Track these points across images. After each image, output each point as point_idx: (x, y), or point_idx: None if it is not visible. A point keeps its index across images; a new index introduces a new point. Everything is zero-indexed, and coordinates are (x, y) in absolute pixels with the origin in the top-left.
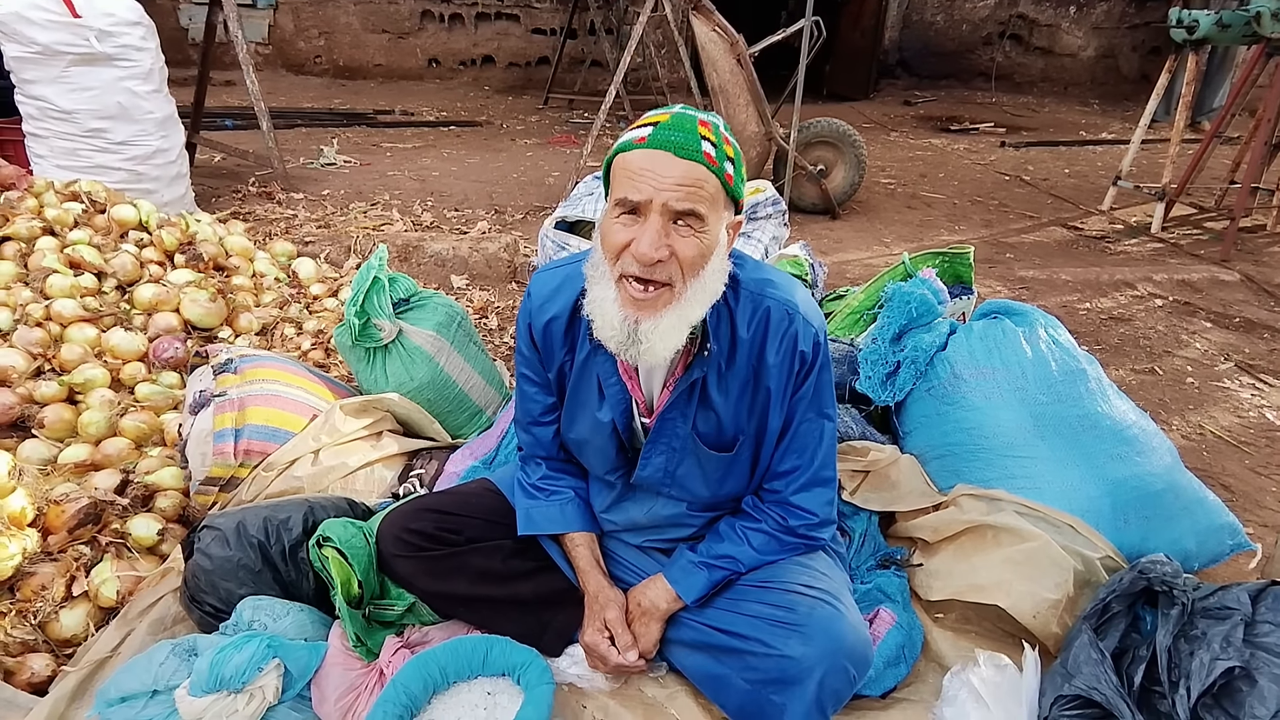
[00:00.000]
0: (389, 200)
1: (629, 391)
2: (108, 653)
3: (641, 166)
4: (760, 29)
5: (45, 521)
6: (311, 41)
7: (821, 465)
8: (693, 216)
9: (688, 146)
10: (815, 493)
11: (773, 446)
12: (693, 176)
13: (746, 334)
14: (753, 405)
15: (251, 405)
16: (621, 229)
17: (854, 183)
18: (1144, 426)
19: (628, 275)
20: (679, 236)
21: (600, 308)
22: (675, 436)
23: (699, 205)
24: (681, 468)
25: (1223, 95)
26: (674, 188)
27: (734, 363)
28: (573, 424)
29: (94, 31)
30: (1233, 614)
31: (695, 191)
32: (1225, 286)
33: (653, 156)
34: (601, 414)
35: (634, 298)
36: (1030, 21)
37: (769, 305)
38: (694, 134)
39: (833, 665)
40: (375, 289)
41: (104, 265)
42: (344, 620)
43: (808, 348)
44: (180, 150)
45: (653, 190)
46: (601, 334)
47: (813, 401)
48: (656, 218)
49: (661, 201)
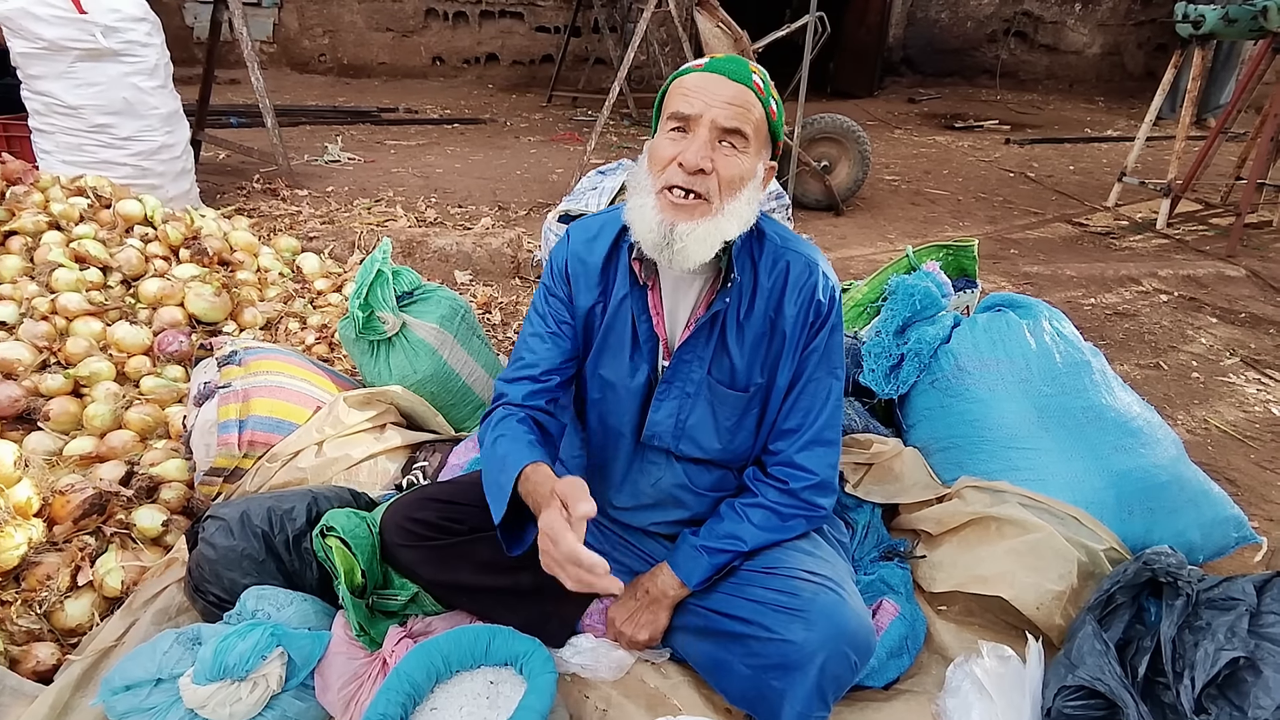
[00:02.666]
0: (393, 197)
1: (655, 328)
2: (112, 642)
3: (697, 85)
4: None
5: (50, 512)
6: (316, 40)
7: (825, 425)
8: (737, 135)
9: (740, 73)
10: (818, 452)
11: (779, 401)
12: (742, 99)
13: (768, 282)
14: (766, 355)
15: (256, 396)
16: (670, 144)
17: (858, 179)
18: (1149, 418)
19: (670, 185)
20: (722, 155)
21: (640, 213)
22: (689, 381)
23: (744, 125)
24: (693, 416)
25: (1228, 91)
26: (724, 105)
27: (752, 311)
28: (599, 366)
29: (100, 27)
30: (1238, 604)
31: (743, 112)
32: (1231, 282)
33: (707, 78)
34: (635, 359)
35: (674, 203)
36: (1035, 18)
37: (790, 258)
38: (746, 67)
39: (834, 651)
40: (379, 282)
41: (109, 260)
42: (347, 609)
43: (824, 299)
44: (185, 146)
45: (704, 105)
46: (638, 235)
47: (824, 357)
48: (705, 131)
49: (711, 117)
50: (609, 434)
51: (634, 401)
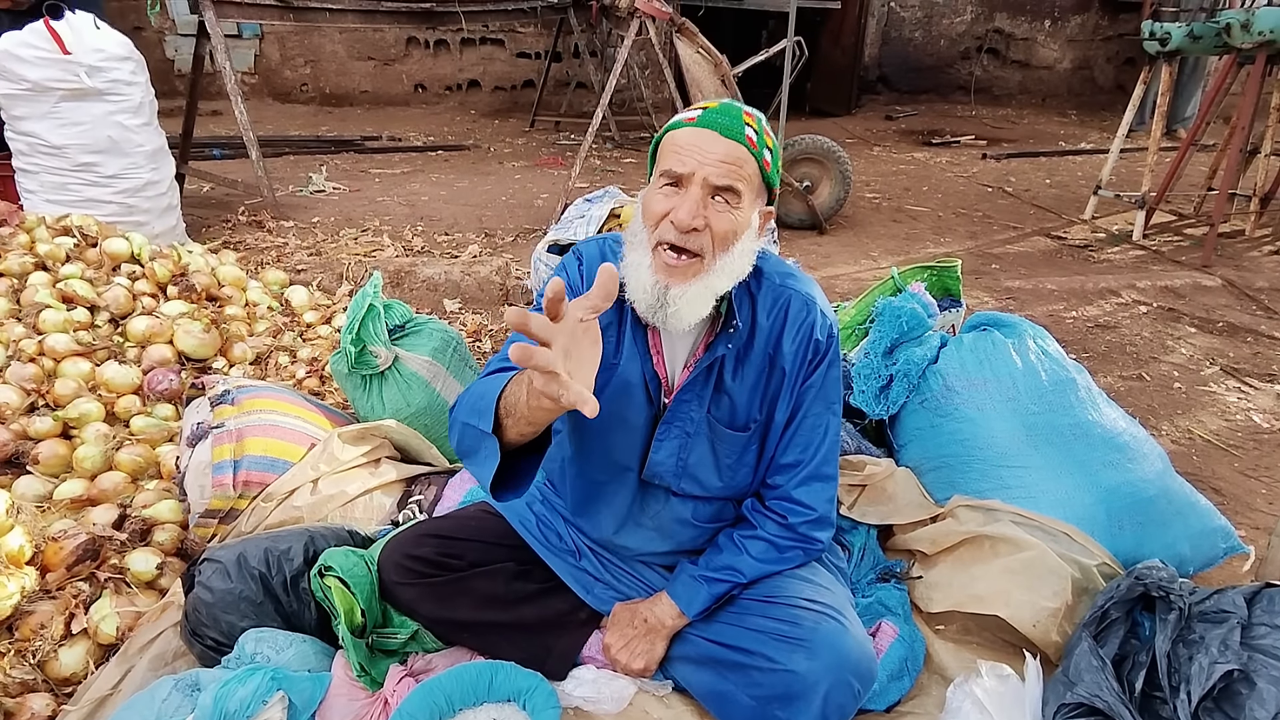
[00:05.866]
0: (379, 226)
1: (655, 367)
2: (108, 690)
3: (688, 142)
4: (741, 47)
5: (44, 559)
6: (298, 70)
7: (823, 461)
8: (730, 193)
9: (732, 129)
10: (815, 487)
11: (778, 436)
12: (734, 155)
13: (766, 321)
14: (765, 392)
15: (250, 436)
16: (663, 199)
17: (840, 198)
18: (1134, 433)
19: (663, 243)
20: (715, 211)
21: (635, 272)
22: (689, 420)
23: (737, 183)
24: (693, 455)
25: (1194, 104)
26: (716, 163)
27: (751, 349)
28: (605, 396)
29: (84, 67)
30: (1229, 617)
31: (735, 169)
32: (1207, 292)
33: (699, 134)
34: (638, 396)
35: (667, 264)
36: (1007, 35)
37: (789, 296)
38: (739, 119)
39: (837, 680)
40: (371, 316)
41: (97, 299)
42: (348, 650)
43: (822, 337)
44: (171, 182)
45: (696, 164)
46: (633, 295)
47: (820, 393)
48: (697, 189)
49: (703, 175)
50: (611, 468)
51: (637, 438)
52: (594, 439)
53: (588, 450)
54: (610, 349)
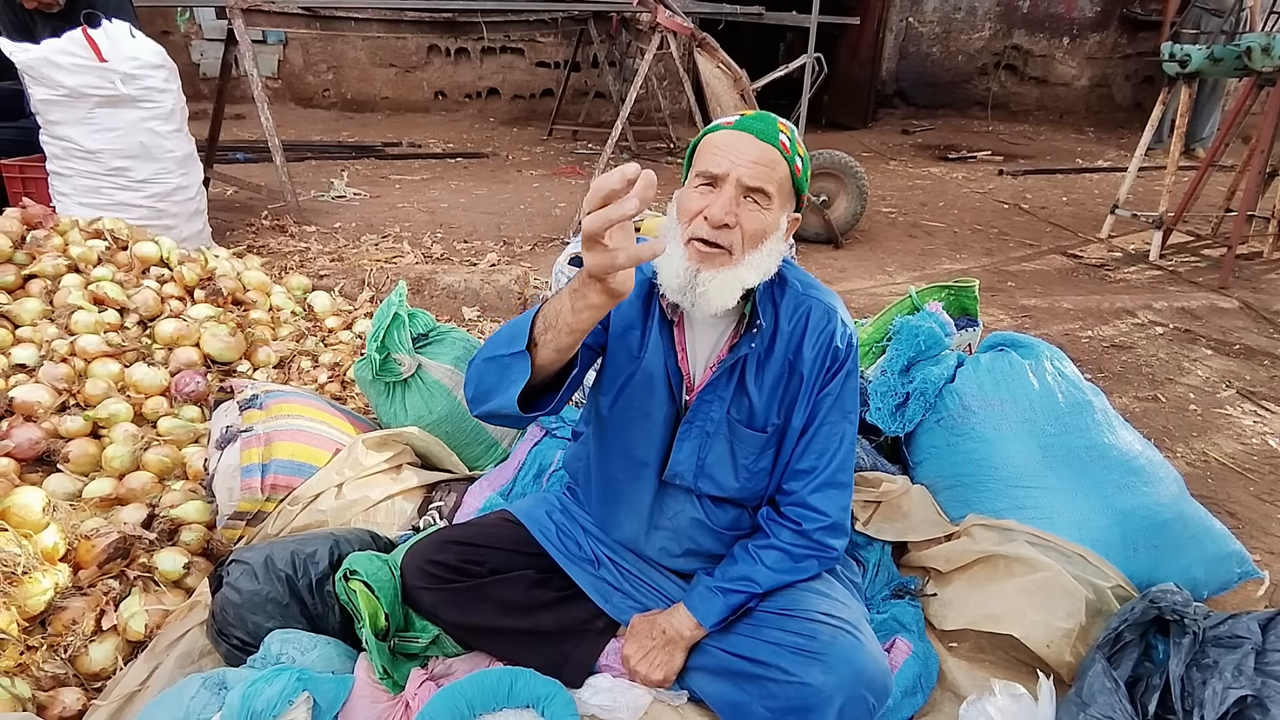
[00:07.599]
0: (399, 232)
1: (679, 364)
2: (137, 686)
3: (725, 143)
4: (759, 60)
5: (76, 556)
6: (320, 75)
7: (839, 468)
8: (761, 194)
9: (767, 133)
10: (830, 494)
11: (794, 442)
12: (768, 158)
13: (788, 326)
14: (784, 397)
15: (277, 440)
16: (698, 197)
17: (856, 213)
18: (1150, 456)
19: (696, 238)
20: (746, 210)
21: (667, 261)
22: (709, 420)
23: (768, 185)
24: (712, 455)
25: (1213, 123)
26: (750, 164)
27: (772, 353)
28: (627, 393)
29: (119, 75)
30: (1243, 643)
31: (767, 171)
32: (1224, 313)
33: (736, 136)
34: (661, 393)
35: (699, 252)
36: (1025, 52)
37: (811, 304)
38: (774, 126)
39: (852, 694)
40: (396, 325)
41: (126, 301)
42: (372, 653)
43: (842, 345)
44: (199, 187)
45: (730, 164)
46: (664, 281)
47: (838, 402)
48: (730, 189)
49: (737, 176)
50: (632, 465)
51: (659, 434)
52: (615, 433)
53: (609, 446)
54: (636, 344)
